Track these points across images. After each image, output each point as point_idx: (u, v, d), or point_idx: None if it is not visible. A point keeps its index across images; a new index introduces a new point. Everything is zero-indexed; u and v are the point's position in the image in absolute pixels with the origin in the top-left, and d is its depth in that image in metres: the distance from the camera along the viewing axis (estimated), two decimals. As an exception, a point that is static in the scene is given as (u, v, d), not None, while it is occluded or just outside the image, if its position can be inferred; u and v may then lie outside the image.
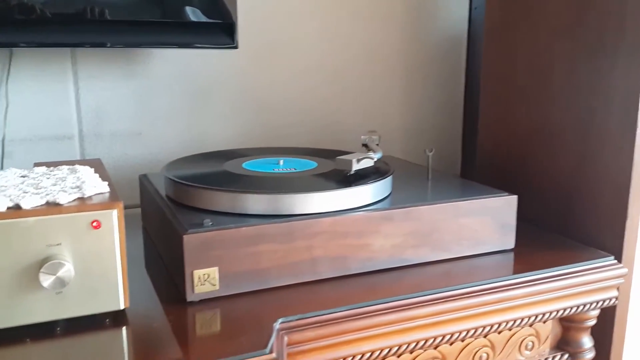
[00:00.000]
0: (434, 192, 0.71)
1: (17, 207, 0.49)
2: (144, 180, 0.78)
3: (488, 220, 0.69)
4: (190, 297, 0.57)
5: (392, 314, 0.59)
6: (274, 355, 0.50)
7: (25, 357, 0.49)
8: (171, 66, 0.91)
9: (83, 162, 0.66)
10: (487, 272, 0.66)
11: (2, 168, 0.82)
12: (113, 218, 0.52)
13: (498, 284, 0.65)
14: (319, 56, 1.00)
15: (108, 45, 0.78)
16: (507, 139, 0.90)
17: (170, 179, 0.67)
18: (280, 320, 0.54)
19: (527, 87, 0.86)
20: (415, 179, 0.78)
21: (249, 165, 0.73)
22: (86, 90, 0.86)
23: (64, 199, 0.51)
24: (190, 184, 0.64)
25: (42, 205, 0.50)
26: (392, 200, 0.68)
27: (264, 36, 0.96)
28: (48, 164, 0.64)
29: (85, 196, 0.53)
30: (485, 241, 0.70)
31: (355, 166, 0.67)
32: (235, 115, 0.97)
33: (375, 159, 0.71)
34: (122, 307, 0.54)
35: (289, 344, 0.54)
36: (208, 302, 0.58)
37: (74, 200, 0.52)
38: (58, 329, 0.53)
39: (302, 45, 0.99)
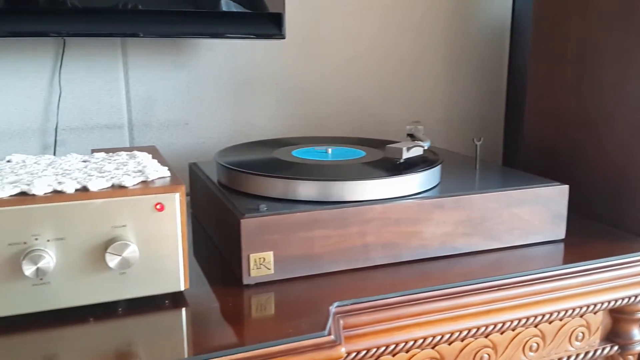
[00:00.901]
0: (484, 181, 0.71)
1: (84, 189, 0.51)
2: (194, 168, 0.80)
3: (540, 209, 0.69)
4: (246, 280, 0.58)
5: (445, 301, 0.59)
6: (332, 337, 0.51)
7: (90, 336, 0.50)
8: (218, 57, 0.92)
9: (140, 148, 0.68)
10: (538, 262, 0.66)
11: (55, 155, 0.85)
12: (176, 201, 0.53)
13: (549, 273, 0.64)
14: (363, 47, 1.01)
15: (155, 36, 0.79)
16: (556, 130, 0.89)
17: (225, 165, 0.68)
18: (335, 304, 0.55)
19: (578, 77, 0.85)
20: (462, 168, 0.78)
21: (299, 153, 0.74)
22: (136, 80, 0.88)
23: (129, 182, 0.52)
24: (244, 170, 0.65)
25: (108, 187, 0.52)
26: (442, 189, 0.68)
27: (309, 26, 0.96)
28: (106, 150, 0.66)
29: (149, 180, 0.54)
30: (536, 231, 0.69)
31: (406, 154, 0.68)
32: (280, 105, 0.97)
33: (426, 147, 0.71)
34: (182, 288, 0.55)
35: (344, 328, 0.55)
36: (263, 285, 0.59)
37: (138, 183, 0.53)
38: (120, 309, 0.54)
39: (347, 36, 0.99)
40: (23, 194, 0.49)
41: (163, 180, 0.55)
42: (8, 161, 0.60)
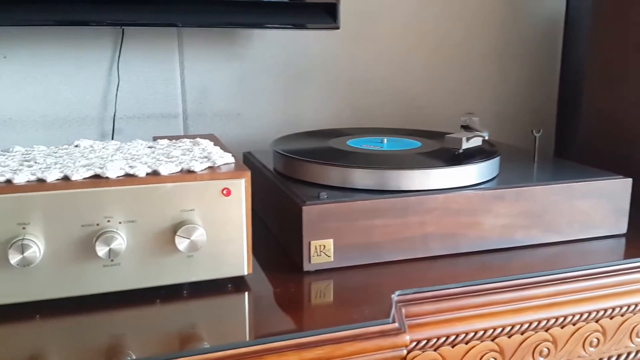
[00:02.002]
0: (544, 173, 0.70)
1: (155, 173, 0.52)
2: (249, 157, 0.81)
3: (602, 203, 0.67)
4: (306, 267, 0.59)
5: (506, 293, 0.59)
6: (396, 325, 0.51)
7: (155, 318, 0.52)
8: (270, 47, 0.93)
9: (201, 136, 0.69)
10: (599, 256, 0.65)
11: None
12: (242, 186, 0.54)
13: (611, 268, 0.63)
14: (413, 37, 1.00)
15: (212, 26, 0.80)
16: (616, 123, 0.87)
17: (283, 154, 0.68)
18: (397, 292, 0.55)
19: None
20: (518, 160, 0.77)
21: (354, 143, 0.74)
22: (191, 71, 0.90)
23: (197, 167, 0.53)
24: (304, 159, 0.66)
25: (177, 172, 0.53)
26: (501, 180, 0.67)
27: (360, 17, 0.96)
28: (169, 137, 0.67)
29: (215, 165, 0.55)
30: (597, 224, 0.68)
31: (465, 144, 0.67)
32: (329, 96, 0.98)
33: (486, 138, 0.70)
34: (245, 273, 0.56)
35: (406, 317, 0.55)
36: (322, 272, 0.60)
37: (206, 169, 0.54)
38: (185, 291, 0.55)
39: (397, 26, 0.99)
40: (96, 176, 0.51)
41: (228, 166, 0.56)
42: (76, 146, 0.61)
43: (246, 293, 0.56)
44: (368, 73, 0.99)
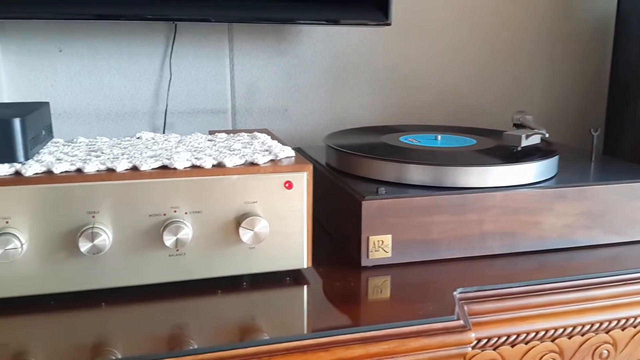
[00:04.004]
0: (604, 173, 0.69)
1: (220, 165, 0.52)
2: (299, 152, 0.81)
3: (666, 204, 0.66)
4: (364, 262, 0.58)
5: (568, 293, 0.58)
6: (461, 322, 0.50)
7: (217, 308, 0.52)
8: (318, 44, 0.93)
9: (260, 130, 0.69)
10: (662, 259, 0.63)
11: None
12: (304, 179, 0.54)
13: (674, 271, 0.61)
14: (462, 35, 0.99)
15: (263, 22, 0.81)
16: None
17: (338, 149, 0.68)
18: (459, 289, 0.54)
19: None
20: (574, 159, 0.76)
21: (408, 139, 0.74)
22: (240, 67, 0.90)
23: (260, 159, 0.53)
24: (361, 154, 0.65)
25: (241, 164, 0.53)
26: (561, 179, 0.66)
27: (409, 14, 0.96)
28: (227, 132, 0.67)
29: (277, 158, 0.55)
30: (660, 226, 0.66)
31: (524, 142, 0.66)
32: (375, 93, 0.97)
33: (546, 136, 0.69)
34: (305, 266, 0.56)
35: (468, 315, 0.54)
36: (380, 268, 0.59)
37: (268, 161, 0.54)
38: (244, 283, 0.56)
39: (446, 24, 0.98)
40: (164, 167, 0.51)
41: (289, 160, 0.56)
42: (138, 138, 0.62)
43: (305, 286, 0.56)
44: (416, 70, 0.98)
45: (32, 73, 0.83)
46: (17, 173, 0.49)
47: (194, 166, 0.52)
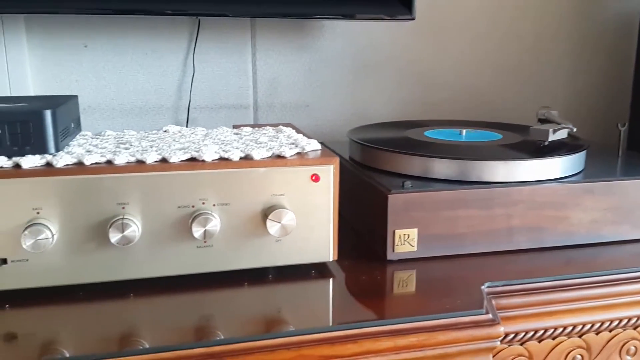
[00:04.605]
0: (632, 168, 0.68)
1: (248, 157, 0.53)
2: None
3: (696, 199, 0.65)
4: (390, 256, 0.58)
5: (596, 289, 0.57)
6: (490, 316, 0.50)
7: (243, 300, 0.52)
8: (340, 39, 0.93)
9: (285, 124, 0.69)
10: (691, 255, 0.62)
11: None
12: (331, 173, 0.54)
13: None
14: (483, 31, 0.98)
15: (286, 16, 0.81)
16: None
17: (363, 143, 0.68)
18: (487, 284, 0.54)
19: None
20: (601, 154, 0.75)
21: (432, 134, 0.74)
22: (263, 62, 0.90)
23: (287, 152, 0.53)
24: (386, 148, 0.65)
25: (269, 157, 0.53)
26: (587, 174, 0.65)
27: (429, 9, 0.95)
28: (252, 126, 0.68)
29: (304, 151, 0.55)
30: (689, 222, 0.65)
31: (552, 136, 0.65)
32: (396, 89, 0.97)
33: (574, 130, 0.68)
34: (331, 259, 0.56)
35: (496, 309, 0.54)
36: (406, 262, 0.59)
37: (295, 154, 0.54)
38: (270, 275, 0.56)
39: (468, 20, 0.97)
40: (193, 159, 0.51)
41: (316, 153, 0.56)
42: (165, 131, 0.63)
43: (330, 279, 0.56)
44: (437, 66, 0.98)
45: (57, 68, 0.84)
46: (48, 164, 0.49)
47: (222, 158, 0.52)
